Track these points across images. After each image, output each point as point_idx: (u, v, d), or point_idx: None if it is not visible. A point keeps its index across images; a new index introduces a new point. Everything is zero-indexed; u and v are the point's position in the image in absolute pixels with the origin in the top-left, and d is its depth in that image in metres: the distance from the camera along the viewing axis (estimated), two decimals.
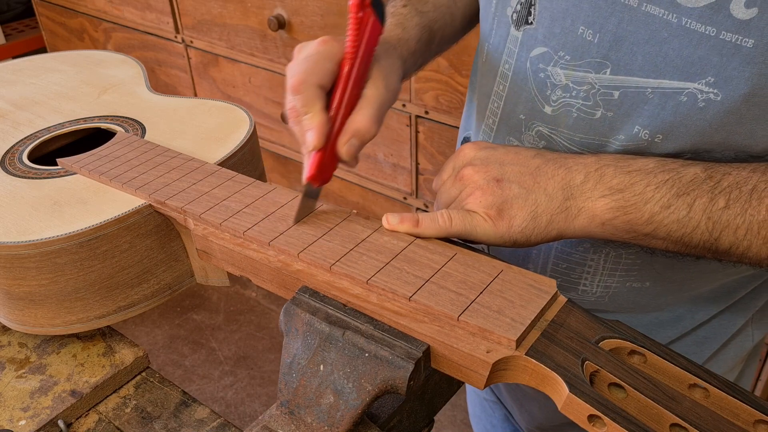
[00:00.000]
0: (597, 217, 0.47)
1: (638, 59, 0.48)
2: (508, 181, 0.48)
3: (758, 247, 0.45)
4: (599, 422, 0.36)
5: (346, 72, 0.48)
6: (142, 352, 0.59)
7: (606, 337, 0.41)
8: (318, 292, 0.47)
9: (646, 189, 0.46)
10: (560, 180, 0.48)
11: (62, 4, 2.05)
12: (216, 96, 1.78)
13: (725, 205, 0.44)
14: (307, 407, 0.43)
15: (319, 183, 0.50)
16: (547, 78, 0.53)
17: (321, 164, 0.49)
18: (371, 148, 1.44)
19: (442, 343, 0.41)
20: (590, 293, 0.59)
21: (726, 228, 0.45)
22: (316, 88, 0.48)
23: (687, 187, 0.45)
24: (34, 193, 0.60)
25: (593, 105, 0.51)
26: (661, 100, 0.48)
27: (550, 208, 0.47)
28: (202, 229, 0.53)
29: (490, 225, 0.48)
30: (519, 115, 0.57)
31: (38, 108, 0.77)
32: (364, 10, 0.47)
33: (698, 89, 0.46)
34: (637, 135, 0.50)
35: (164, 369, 1.77)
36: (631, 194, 0.46)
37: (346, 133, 0.48)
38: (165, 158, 0.62)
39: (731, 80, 0.45)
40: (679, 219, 0.45)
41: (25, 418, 0.53)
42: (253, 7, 1.50)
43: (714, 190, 0.45)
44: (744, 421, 0.37)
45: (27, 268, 0.54)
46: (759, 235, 0.44)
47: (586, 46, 0.50)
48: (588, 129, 0.52)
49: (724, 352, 0.65)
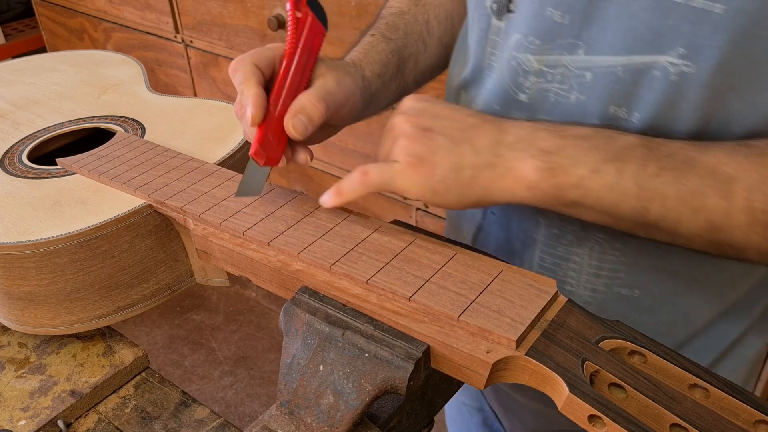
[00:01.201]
0: (524, 178, 0.45)
1: (608, 37, 0.47)
2: (436, 132, 0.47)
3: (688, 220, 0.43)
4: (599, 422, 0.36)
5: (288, 58, 0.50)
6: (141, 352, 0.59)
7: (606, 337, 0.41)
8: (318, 292, 0.47)
9: (576, 152, 0.44)
10: (491, 138, 0.46)
11: (62, 4, 2.05)
12: (216, 96, 1.78)
13: (656, 172, 0.43)
14: (307, 407, 0.43)
15: (263, 161, 0.50)
16: (519, 65, 0.52)
17: (262, 140, 0.50)
18: (371, 148, 1.44)
19: (442, 343, 0.41)
20: (577, 295, 0.58)
21: (655, 195, 0.43)
22: (252, 66, 0.50)
23: (619, 152, 0.44)
24: (33, 193, 0.60)
25: (568, 88, 0.50)
26: (633, 77, 0.47)
27: (475, 162, 0.46)
28: (201, 229, 0.53)
29: (410, 173, 0.46)
30: (494, 106, 0.56)
31: (38, 108, 0.77)
32: (300, 9, 0.50)
33: (669, 62, 0.45)
34: (615, 115, 0.49)
35: (164, 369, 1.77)
36: (560, 156, 0.44)
37: (291, 110, 0.50)
38: (164, 158, 0.62)
39: (703, 49, 0.43)
40: (607, 184, 0.44)
41: (24, 418, 0.53)
42: (253, 7, 1.50)
43: (646, 157, 0.43)
44: (744, 421, 0.37)
45: (27, 268, 0.54)
46: (688, 206, 0.42)
47: (556, 29, 0.49)
48: (564, 113, 0.51)
49: (720, 364, 0.63)
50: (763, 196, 0.41)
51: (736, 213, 0.41)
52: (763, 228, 0.41)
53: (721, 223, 0.42)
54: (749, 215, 0.41)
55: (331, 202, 0.50)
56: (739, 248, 0.43)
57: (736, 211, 0.41)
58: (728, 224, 0.42)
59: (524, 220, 0.58)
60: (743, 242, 0.42)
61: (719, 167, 0.42)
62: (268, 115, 0.50)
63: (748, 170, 0.41)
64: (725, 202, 0.41)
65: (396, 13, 0.66)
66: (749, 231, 0.42)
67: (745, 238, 0.42)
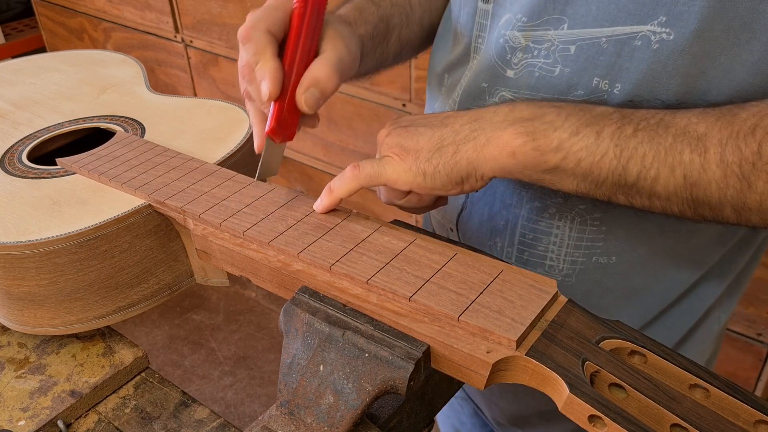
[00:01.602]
0: (507, 145, 0.46)
1: (593, 9, 0.49)
2: (415, 125, 0.49)
3: (666, 176, 0.44)
4: (600, 422, 0.36)
5: (297, 19, 0.47)
6: (141, 353, 0.59)
7: (606, 337, 0.41)
8: (318, 293, 0.47)
9: (556, 118, 0.46)
10: (469, 118, 0.48)
11: (62, 4, 2.05)
12: (216, 96, 1.78)
13: (633, 132, 0.44)
14: (307, 407, 0.43)
15: (280, 138, 0.48)
16: (506, 43, 0.54)
17: (280, 116, 0.47)
18: (371, 147, 1.44)
19: (442, 344, 0.41)
20: (557, 270, 0.60)
21: (634, 154, 0.44)
22: (266, 34, 0.47)
23: (596, 118, 0.46)
24: (33, 193, 0.60)
25: (553, 62, 0.52)
26: (616, 47, 0.49)
27: (456, 139, 0.48)
28: (201, 229, 0.53)
29: (397, 161, 0.49)
30: (481, 84, 0.58)
31: (38, 108, 0.77)
32: None
33: (651, 31, 0.47)
34: (597, 87, 0.51)
35: (164, 369, 1.77)
36: (540, 123, 0.46)
37: (304, 83, 0.48)
38: (164, 158, 0.62)
39: (682, 16, 0.45)
40: (587, 145, 0.45)
41: (24, 419, 0.53)
42: (253, 7, 1.50)
43: (622, 120, 0.45)
44: (744, 421, 0.37)
45: (26, 268, 0.54)
46: (665, 162, 0.44)
47: (542, 5, 0.51)
48: (549, 87, 0.53)
49: (692, 337, 0.66)
50: (735, 149, 0.42)
51: (710, 166, 0.43)
52: (738, 180, 0.42)
53: (698, 178, 0.43)
54: (723, 168, 0.42)
55: (324, 202, 0.51)
56: (715, 206, 0.44)
57: (710, 164, 0.43)
58: (704, 179, 0.43)
59: (507, 196, 0.60)
60: (719, 198, 0.44)
61: (691, 126, 0.44)
62: (283, 88, 0.47)
63: (719, 127, 0.43)
64: (699, 157, 0.43)
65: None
66: (724, 185, 0.43)
67: (720, 193, 0.43)
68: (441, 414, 0.98)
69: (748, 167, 0.41)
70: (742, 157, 0.41)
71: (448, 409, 0.94)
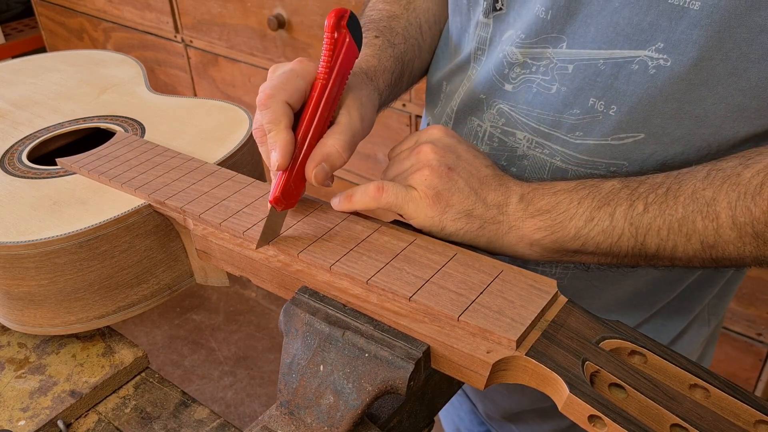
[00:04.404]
0: (526, 237, 0.48)
1: (591, 31, 0.50)
2: (457, 174, 0.49)
3: (684, 245, 0.45)
4: (600, 422, 0.36)
5: (318, 92, 0.47)
6: (141, 353, 0.59)
7: (606, 337, 0.41)
8: (318, 293, 0.47)
9: (569, 206, 0.47)
10: (499, 196, 0.49)
11: (62, 4, 2.05)
12: (216, 96, 1.78)
13: (644, 209, 0.46)
14: (307, 407, 0.43)
15: (282, 207, 0.48)
16: (505, 58, 0.55)
17: (286, 187, 0.47)
18: (371, 147, 1.44)
19: (442, 344, 0.41)
20: (549, 275, 0.60)
21: (649, 230, 0.46)
22: (284, 105, 0.47)
23: (606, 198, 0.47)
24: (33, 193, 0.60)
25: (550, 80, 0.53)
26: (613, 70, 0.49)
27: (485, 215, 0.48)
28: (201, 229, 0.53)
29: (424, 204, 0.48)
30: (479, 95, 0.59)
31: (37, 108, 0.77)
32: (339, 30, 0.46)
33: (648, 56, 0.48)
34: (593, 107, 0.51)
35: (164, 369, 1.77)
36: (556, 213, 0.47)
37: (315, 157, 0.47)
38: (164, 158, 0.62)
39: (680, 44, 0.46)
40: (603, 230, 0.47)
41: (24, 419, 0.53)
42: (253, 7, 1.50)
43: (632, 196, 0.46)
44: (744, 421, 0.37)
45: (26, 268, 0.54)
46: (681, 233, 0.45)
47: (539, 24, 0.52)
48: (544, 104, 0.54)
49: (681, 339, 0.67)
50: (745, 210, 0.43)
51: (724, 230, 0.44)
52: (753, 238, 0.44)
53: (714, 242, 0.45)
54: (737, 230, 0.44)
55: (340, 206, 0.51)
56: (735, 260, 0.46)
57: (723, 228, 0.44)
58: (721, 242, 0.45)
59: None
60: (738, 255, 0.45)
61: (698, 192, 0.45)
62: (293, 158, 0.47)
63: (725, 191, 0.44)
64: (712, 222, 0.44)
65: (390, 17, 0.66)
66: (740, 244, 0.44)
67: (738, 251, 0.45)
68: (441, 410, 0.99)
69: (760, 226, 0.43)
70: (753, 218, 0.43)
71: (448, 405, 0.95)
